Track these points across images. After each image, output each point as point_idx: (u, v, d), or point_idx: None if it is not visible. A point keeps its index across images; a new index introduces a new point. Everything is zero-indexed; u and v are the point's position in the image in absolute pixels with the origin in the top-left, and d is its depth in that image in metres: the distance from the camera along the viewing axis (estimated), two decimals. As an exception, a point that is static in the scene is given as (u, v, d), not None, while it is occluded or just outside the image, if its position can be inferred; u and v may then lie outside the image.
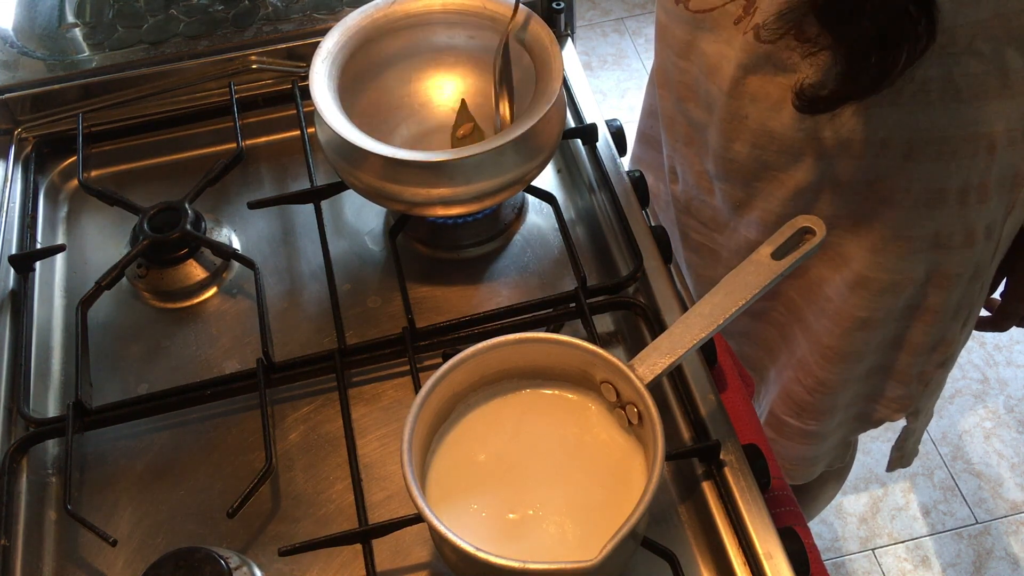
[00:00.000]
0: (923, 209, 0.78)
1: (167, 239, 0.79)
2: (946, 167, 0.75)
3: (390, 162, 0.72)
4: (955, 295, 0.85)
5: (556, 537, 0.60)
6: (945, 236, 0.80)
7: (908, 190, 0.77)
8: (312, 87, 0.75)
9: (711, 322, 0.62)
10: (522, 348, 0.64)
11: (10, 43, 0.94)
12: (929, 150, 0.74)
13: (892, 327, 0.88)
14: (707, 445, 0.66)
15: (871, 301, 0.84)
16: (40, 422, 0.71)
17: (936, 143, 0.73)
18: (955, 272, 0.83)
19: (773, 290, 0.66)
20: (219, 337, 0.78)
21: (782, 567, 0.61)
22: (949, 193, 0.77)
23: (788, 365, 0.98)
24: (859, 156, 0.75)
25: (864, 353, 0.90)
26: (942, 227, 0.79)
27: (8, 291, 0.80)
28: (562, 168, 0.88)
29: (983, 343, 1.89)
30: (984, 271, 0.86)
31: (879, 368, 0.94)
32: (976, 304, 0.91)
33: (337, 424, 0.72)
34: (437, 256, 0.82)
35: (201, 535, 0.67)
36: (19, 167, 0.89)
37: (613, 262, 0.80)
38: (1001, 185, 0.78)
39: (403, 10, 0.81)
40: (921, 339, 0.89)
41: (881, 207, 0.79)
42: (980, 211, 0.79)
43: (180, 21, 0.94)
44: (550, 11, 0.94)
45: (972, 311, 0.92)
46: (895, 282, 0.83)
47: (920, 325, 0.88)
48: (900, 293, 0.84)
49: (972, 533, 1.66)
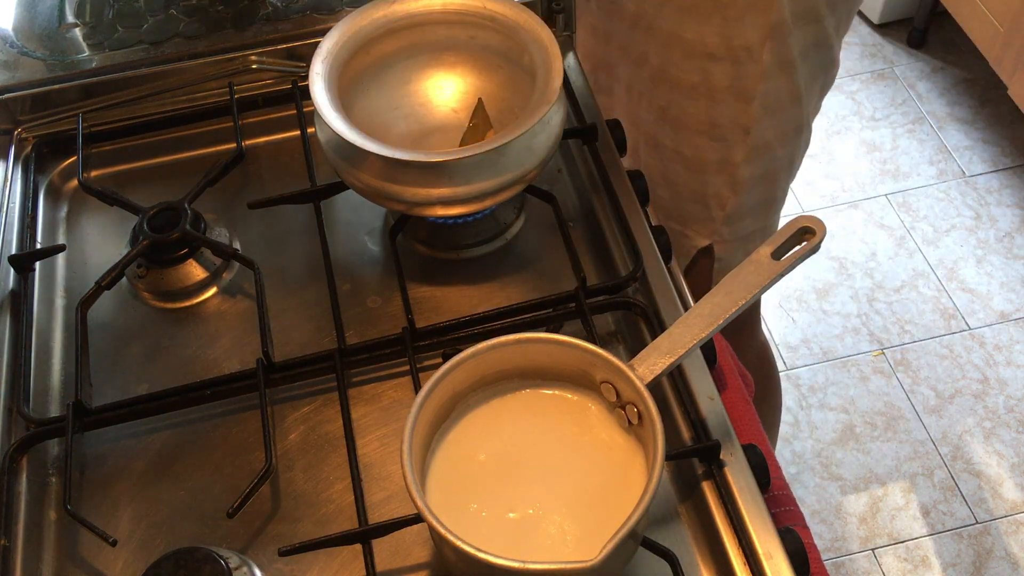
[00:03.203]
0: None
1: (167, 239, 0.79)
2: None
3: (390, 162, 0.72)
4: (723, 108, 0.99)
5: (556, 537, 0.60)
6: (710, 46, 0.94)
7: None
8: (312, 87, 0.75)
9: (711, 322, 0.62)
10: (522, 348, 0.64)
11: (10, 43, 0.94)
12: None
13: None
14: (707, 445, 0.66)
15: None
16: (40, 422, 0.72)
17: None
18: (723, 85, 0.96)
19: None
20: (219, 337, 0.78)
21: (782, 567, 0.61)
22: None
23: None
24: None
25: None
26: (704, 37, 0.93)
27: (8, 291, 0.80)
28: (562, 168, 0.88)
29: (983, 343, 1.89)
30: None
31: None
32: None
33: (337, 424, 0.72)
34: (437, 256, 0.82)
35: (201, 535, 0.67)
36: (19, 167, 0.89)
37: (613, 262, 0.80)
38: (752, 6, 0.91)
39: (403, 10, 0.81)
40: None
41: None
42: (736, 27, 0.92)
43: (180, 21, 0.94)
44: (550, 11, 0.94)
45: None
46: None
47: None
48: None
49: (972, 533, 1.66)
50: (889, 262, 2.03)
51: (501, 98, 0.82)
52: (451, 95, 0.85)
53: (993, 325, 1.92)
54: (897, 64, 2.37)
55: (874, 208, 2.11)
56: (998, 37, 2.00)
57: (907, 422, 1.80)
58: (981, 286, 1.97)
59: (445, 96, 0.85)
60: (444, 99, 0.85)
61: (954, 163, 2.18)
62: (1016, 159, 2.17)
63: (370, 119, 0.79)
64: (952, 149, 2.20)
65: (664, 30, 0.96)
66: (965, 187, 2.14)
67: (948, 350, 1.89)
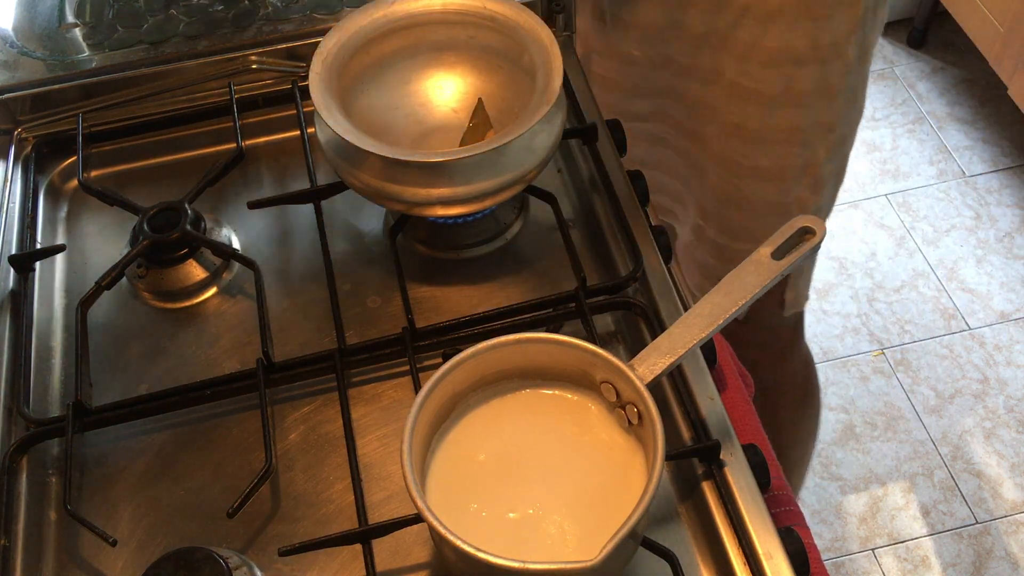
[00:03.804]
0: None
1: (167, 239, 0.79)
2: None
3: (390, 162, 0.72)
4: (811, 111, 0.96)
5: (556, 537, 0.60)
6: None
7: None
8: (312, 87, 0.75)
9: (711, 322, 0.62)
10: (522, 348, 0.64)
11: (10, 43, 0.94)
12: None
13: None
14: (707, 445, 0.66)
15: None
16: (40, 422, 0.71)
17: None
18: (809, 88, 0.93)
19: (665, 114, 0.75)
20: (219, 337, 0.78)
21: (782, 567, 0.61)
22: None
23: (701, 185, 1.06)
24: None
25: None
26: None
27: (8, 291, 0.80)
28: (562, 168, 0.88)
29: (983, 343, 1.89)
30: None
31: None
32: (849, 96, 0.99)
33: (337, 424, 0.72)
34: (437, 256, 0.82)
35: (201, 535, 0.67)
36: (19, 167, 0.89)
37: (613, 262, 0.80)
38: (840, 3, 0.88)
39: (403, 10, 0.81)
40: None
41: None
42: (824, 27, 0.89)
43: (180, 21, 0.94)
44: (550, 11, 0.94)
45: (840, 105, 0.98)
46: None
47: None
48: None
49: (972, 533, 1.66)
50: (889, 262, 2.03)
51: (501, 98, 0.82)
52: (451, 95, 0.85)
53: (993, 325, 1.92)
54: (897, 64, 2.37)
55: (874, 208, 2.11)
56: (998, 37, 2.00)
57: (907, 422, 1.80)
58: (981, 286, 1.97)
59: (445, 96, 0.85)
60: (444, 99, 0.85)
61: (954, 163, 2.18)
62: (1016, 159, 2.17)
63: (370, 119, 0.79)
64: (952, 149, 2.20)
65: (742, 42, 0.93)
66: (965, 187, 2.14)
67: (948, 350, 1.89)
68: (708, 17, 0.93)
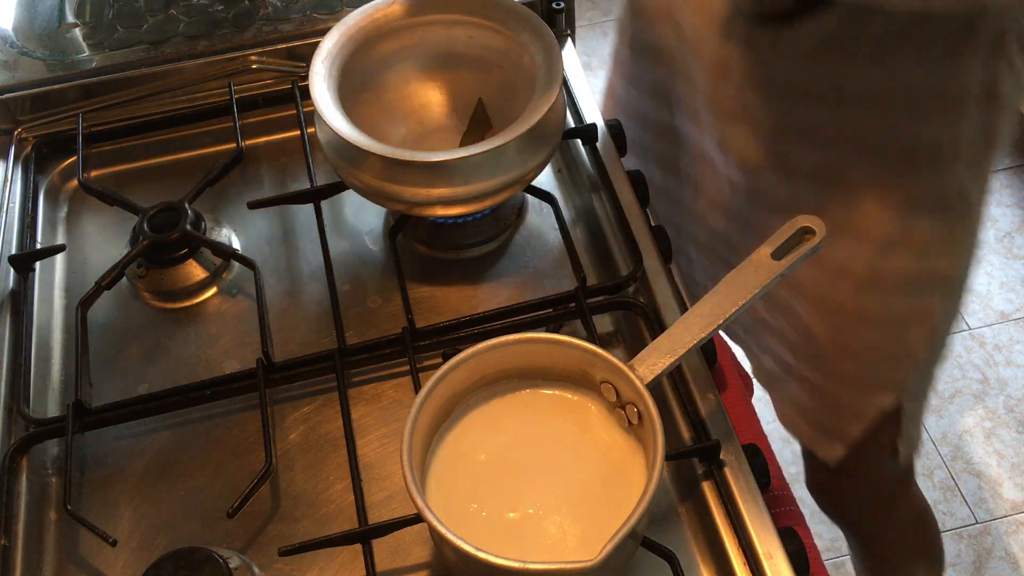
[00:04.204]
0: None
1: (167, 239, 0.79)
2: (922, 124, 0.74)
3: (390, 162, 0.72)
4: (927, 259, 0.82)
5: (556, 537, 0.60)
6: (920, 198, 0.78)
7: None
8: (312, 87, 0.75)
9: (711, 322, 0.62)
10: (522, 348, 0.64)
11: (10, 43, 0.94)
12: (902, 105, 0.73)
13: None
14: (707, 445, 0.66)
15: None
16: (40, 422, 0.72)
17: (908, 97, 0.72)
18: (927, 238, 0.80)
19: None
20: (219, 337, 0.78)
21: (782, 567, 0.61)
22: (921, 150, 0.75)
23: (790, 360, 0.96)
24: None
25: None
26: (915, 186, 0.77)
27: (8, 291, 0.80)
28: (562, 168, 0.88)
29: (983, 343, 1.89)
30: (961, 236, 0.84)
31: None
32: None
33: (337, 424, 0.72)
34: (437, 256, 0.82)
35: (201, 535, 0.67)
36: (19, 167, 0.89)
37: (613, 262, 0.80)
38: (972, 147, 0.76)
39: (403, 10, 0.81)
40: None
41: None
42: (951, 172, 0.77)
43: (180, 21, 0.94)
44: (550, 11, 0.94)
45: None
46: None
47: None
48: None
49: (972, 533, 1.66)
50: (889, 262, 2.02)
51: (501, 98, 0.82)
52: (451, 95, 0.85)
53: (993, 325, 1.92)
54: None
55: (874, 208, 2.11)
56: (998, 37, 2.00)
57: (907, 422, 1.80)
58: (981, 286, 1.97)
59: (445, 96, 0.85)
60: (444, 99, 0.85)
61: (954, 163, 2.18)
62: (1016, 159, 2.17)
63: (370, 119, 0.79)
64: (952, 149, 2.20)
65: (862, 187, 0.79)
66: (965, 187, 2.13)
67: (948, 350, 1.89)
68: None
